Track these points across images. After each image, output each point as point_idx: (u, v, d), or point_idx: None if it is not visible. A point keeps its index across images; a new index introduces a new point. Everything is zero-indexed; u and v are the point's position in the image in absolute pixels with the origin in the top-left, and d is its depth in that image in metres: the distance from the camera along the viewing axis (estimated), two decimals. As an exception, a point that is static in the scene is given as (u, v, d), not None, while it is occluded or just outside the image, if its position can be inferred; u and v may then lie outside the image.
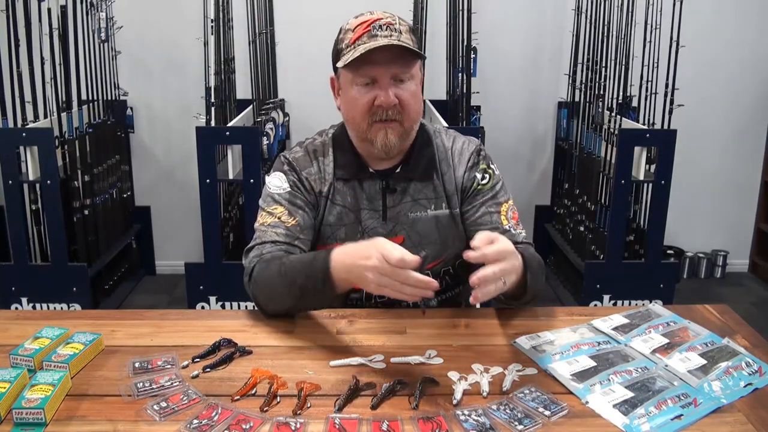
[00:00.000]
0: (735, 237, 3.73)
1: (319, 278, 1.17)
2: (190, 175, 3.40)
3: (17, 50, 2.75)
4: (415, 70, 1.29)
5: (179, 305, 3.14)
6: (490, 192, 1.38)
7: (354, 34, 1.25)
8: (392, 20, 1.26)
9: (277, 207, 1.35)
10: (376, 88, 1.26)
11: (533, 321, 1.30)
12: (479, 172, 1.39)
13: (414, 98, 1.29)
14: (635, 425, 0.96)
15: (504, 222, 1.36)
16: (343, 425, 0.95)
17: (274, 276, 1.24)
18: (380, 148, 1.30)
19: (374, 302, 1.40)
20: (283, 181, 1.37)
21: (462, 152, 1.40)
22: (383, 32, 1.24)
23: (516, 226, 1.37)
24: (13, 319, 1.33)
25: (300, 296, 1.22)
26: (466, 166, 1.39)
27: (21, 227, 2.76)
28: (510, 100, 3.51)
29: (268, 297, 1.28)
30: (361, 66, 1.25)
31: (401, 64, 1.26)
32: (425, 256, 1.10)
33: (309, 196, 1.37)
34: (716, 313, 1.35)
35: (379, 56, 1.23)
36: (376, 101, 1.26)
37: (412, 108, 1.29)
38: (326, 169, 1.39)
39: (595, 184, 3.03)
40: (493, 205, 1.37)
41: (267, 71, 3.27)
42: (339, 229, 1.38)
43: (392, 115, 1.27)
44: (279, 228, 1.33)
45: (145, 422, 0.97)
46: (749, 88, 3.53)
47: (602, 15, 3.06)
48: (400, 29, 1.25)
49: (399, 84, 1.27)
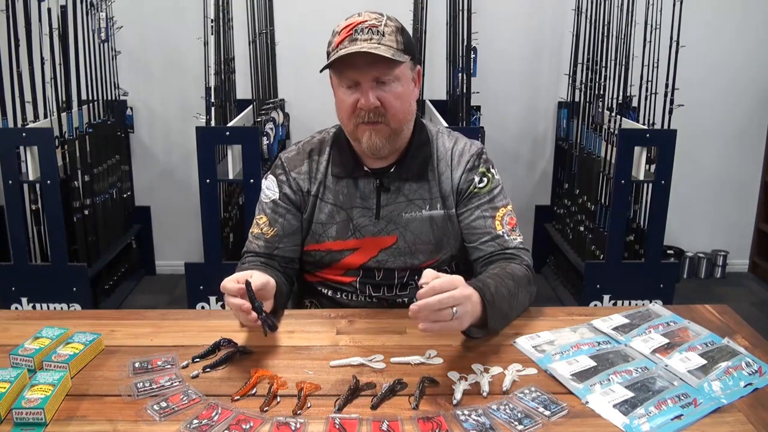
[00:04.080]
0: (735, 237, 3.73)
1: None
2: (190, 175, 3.40)
3: (17, 50, 2.75)
4: (400, 71, 1.28)
5: (179, 305, 3.14)
6: (486, 196, 1.37)
7: (339, 38, 1.26)
8: (377, 22, 1.25)
9: (262, 216, 1.42)
10: (359, 91, 1.27)
11: (533, 321, 1.30)
12: (477, 175, 1.38)
13: (398, 99, 1.28)
14: (635, 425, 0.96)
15: (498, 227, 1.36)
16: (343, 425, 0.95)
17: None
18: (366, 148, 1.32)
19: (368, 294, 1.41)
20: (273, 185, 1.42)
21: (462, 154, 1.40)
22: (364, 35, 1.24)
23: (511, 232, 1.37)
24: (13, 319, 1.33)
25: None
26: (464, 168, 1.38)
27: (21, 227, 2.76)
28: (510, 100, 3.51)
29: None
30: (343, 70, 1.26)
31: (382, 67, 1.25)
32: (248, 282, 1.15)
33: (295, 197, 1.40)
34: (716, 313, 1.35)
35: (359, 60, 1.24)
36: (358, 104, 1.27)
37: (396, 110, 1.29)
38: (318, 168, 1.40)
39: (595, 184, 3.03)
40: (489, 209, 1.37)
41: (267, 71, 3.26)
42: (330, 227, 1.39)
43: (374, 117, 1.28)
44: (260, 240, 1.41)
45: (145, 422, 0.97)
46: (749, 88, 3.53)
47: (602, 15, 3.05)
48: (383, 31, 1.25)
49: (382, 86, 1.27)
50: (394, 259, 1.37)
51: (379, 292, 1.40)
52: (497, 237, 1.35)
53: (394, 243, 1.37)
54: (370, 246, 1.37)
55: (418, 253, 1.37)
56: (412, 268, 1.38)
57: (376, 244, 1.37)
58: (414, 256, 1.37)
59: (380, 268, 1.38)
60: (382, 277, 1.39)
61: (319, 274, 1.44)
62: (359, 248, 1.37)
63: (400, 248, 1.37)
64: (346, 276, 1.40)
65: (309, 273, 1.46)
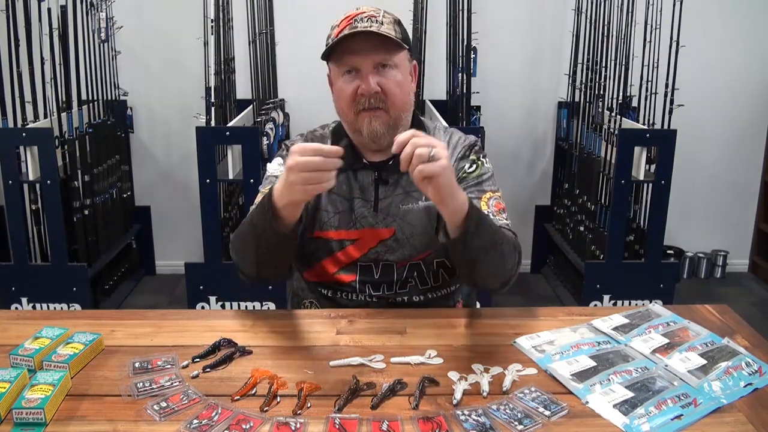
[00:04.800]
0: (735, 237, 3.73)
1: (265, 209, 1.19)
2: (190, 175, 3.40)
3: (17, 50, 2.75)
4: (399, 59, 1.30)
5: (179, 305, 3.14)
6: (475, 180, 1.38)
7: (338, 28, 1.29)
8: (375, 13, 1.29)
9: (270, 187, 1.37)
10: (359, 78, 1.29)
11: (533, 321, 1.30)
12: (468, 162, 1.40)
13: (399, 87, 1.30)
14: (635, 425, 0.96)
15: (483, 207, 1.34)
16: (343, 425, 0.95)
17: (242, 227, 1.30)
18: (367, 136, 1.32)
19: (368, 294, 1.40)
20: (281, 164, 1.39)
21: (456, 146, 1.42)
22: (364, 23, 1.27)
23: (497, 213, 1.35)
24: (13, 319, 1.33)
25: (258, 236, 1.24)
26: (456, 157, 1.40)
27: (21, 227, 2.76)
28: (510, 100, 3.51)
29: (240, 252, 1.32)
30: (343, 56, 1.29)
31: (382, 51, 1.27)
32: (344, 144, 1.12)
33: None
34: (716, 313, 1.35)
35: (359, 45, 1.26)
36: (359, 90, 1.28)
37: (396, 96, 1.30)
38: None
39: (595, 184, 3.03)
40: (476, 191, 1.37)
41: (267, 71, 3.27)
42: (333, 216, 1.39)
43: (375, 103, 1.29)
44: None
45: (145, 422, 0.97)
46: (749, 88, 3.52)
47: (602, 15, 3.05)
48: (382, 21, 1.28)
49: (382, 73, 1.29)
50: (393, 252, 1.38)
51: (379, 290, 1.40)
52: None
53: (393, 235, 1.38)
54: (370, 237, 1.38)
55: (416, 244, 1.38)
56: (410, 261, 1.38)
57: (376, 235, 1.38)
58: (412, 247, 1.38)
59: (379, 260, 1.38)
60: (380, 274, 1.39)
61: (318, 268, 1.42)
62: (359, 239, 1.38)
63: (398, 239, 1.38)
64: (346, 274, 1.40)
65: (309, 268, 1.45)
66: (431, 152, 1.06)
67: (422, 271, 1.40)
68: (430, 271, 1.40)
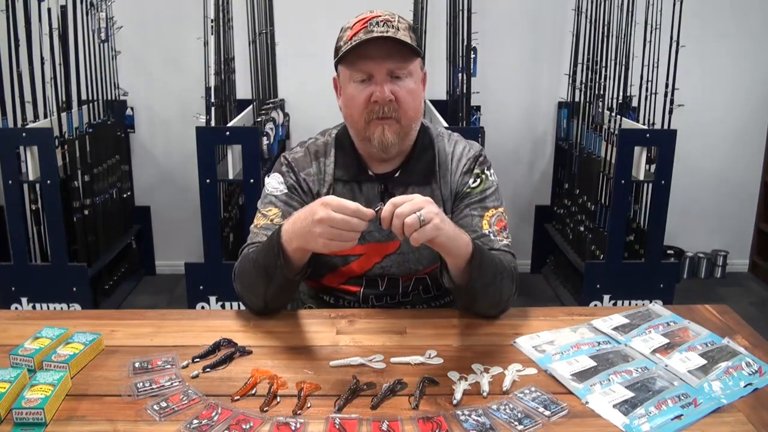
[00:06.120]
0: (735, 237, 3.73)
1: (274, 252, 1.17)
2: (190, 175, 3.39)
3: (17, 50, 2.75)
4: (413, 67, 1.27)
5: (179, 305, 3.14)
6: (478, 195, 1.36)
7: (351, 31, 1.25)
8: (390, 18, 1.25)
9: (271, 209, 1.35)
10: (373, 85, 1.25)
11: (533, 321, 1.30)
12: (472, 176, 1.37)
13: (411, 96, 1.27)
14: (635, 425, 0.96)
15: (485, 227, 1.33)
16: (343, 425, 0.95)
17: (247, 264, 1.27)
18: (377, 145, 1.29)
19: (371, 304, 1.40)
20: (281, 182, 1.37)
21: (461, 158, 1.39)
22: (380, 28, 1.23)
23: (498, 233, 1.34)
24: (13, 319, 1.33)
25: (266, 277, 1.22)
26: (461, 172, 1.37)
27: (21, 227, 2.76)
28: (510, 100, 3.51)
29: (246, 288, 1.30)
30: (357, 61, 1.25)
31: (397, 59, 1.24)
32: (378, 209, 1.09)
33: (306, 198, 1.36)
34: (716, 313, 1.35)
35: (374, 51, 1.23)
36: (372, 97, 1.25)
37: (409, 105, 1.27)
38: (326, 170, 1.37)
39: (595, 184, 3.03)
40: (479, 208, 1.35)
41: (267, 71, 3.26)
42: None
43: (388, 112, 1.26)
44: (270, 230, 1.30)
45: (145, 422, 0.97)
46: (749, 88, 3.52)
47: (602, 15, 3.05)
48: (397, 26, 1.24)
49: (395, 81, 1.26)
50: (398, 266, 1.36)
51: (382, 301, 1.39)
52: (482, 236, 1.32)
53: (398, 249, 1.35)
54: (375, 252, 1.36)
55: (422, 258, 1.36)
56: (416, 275, 1.37)
57: (381, 249, 1.35)
58: (418, 261, 1.36)
59: (384, 275, 1.37)
60: (385, 287, 1.38)
61: (322, 281, 1.41)
62: (364, 254, 1.36)
63: (403, 253, 1.35)
64: (350, 285, 1.39)
65: (312, 279, 1.43)
66: (421, 217, 1.05)
67: (428, 284, 1.39)
68: (435, 283, 1.39)
